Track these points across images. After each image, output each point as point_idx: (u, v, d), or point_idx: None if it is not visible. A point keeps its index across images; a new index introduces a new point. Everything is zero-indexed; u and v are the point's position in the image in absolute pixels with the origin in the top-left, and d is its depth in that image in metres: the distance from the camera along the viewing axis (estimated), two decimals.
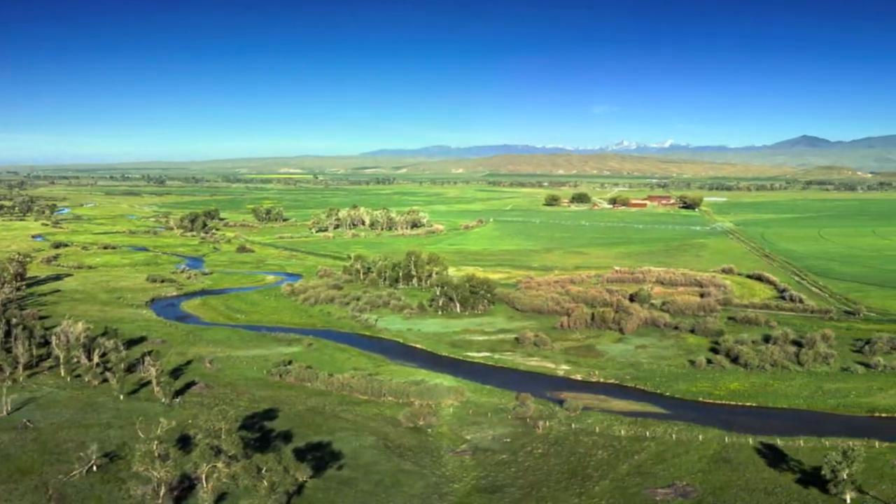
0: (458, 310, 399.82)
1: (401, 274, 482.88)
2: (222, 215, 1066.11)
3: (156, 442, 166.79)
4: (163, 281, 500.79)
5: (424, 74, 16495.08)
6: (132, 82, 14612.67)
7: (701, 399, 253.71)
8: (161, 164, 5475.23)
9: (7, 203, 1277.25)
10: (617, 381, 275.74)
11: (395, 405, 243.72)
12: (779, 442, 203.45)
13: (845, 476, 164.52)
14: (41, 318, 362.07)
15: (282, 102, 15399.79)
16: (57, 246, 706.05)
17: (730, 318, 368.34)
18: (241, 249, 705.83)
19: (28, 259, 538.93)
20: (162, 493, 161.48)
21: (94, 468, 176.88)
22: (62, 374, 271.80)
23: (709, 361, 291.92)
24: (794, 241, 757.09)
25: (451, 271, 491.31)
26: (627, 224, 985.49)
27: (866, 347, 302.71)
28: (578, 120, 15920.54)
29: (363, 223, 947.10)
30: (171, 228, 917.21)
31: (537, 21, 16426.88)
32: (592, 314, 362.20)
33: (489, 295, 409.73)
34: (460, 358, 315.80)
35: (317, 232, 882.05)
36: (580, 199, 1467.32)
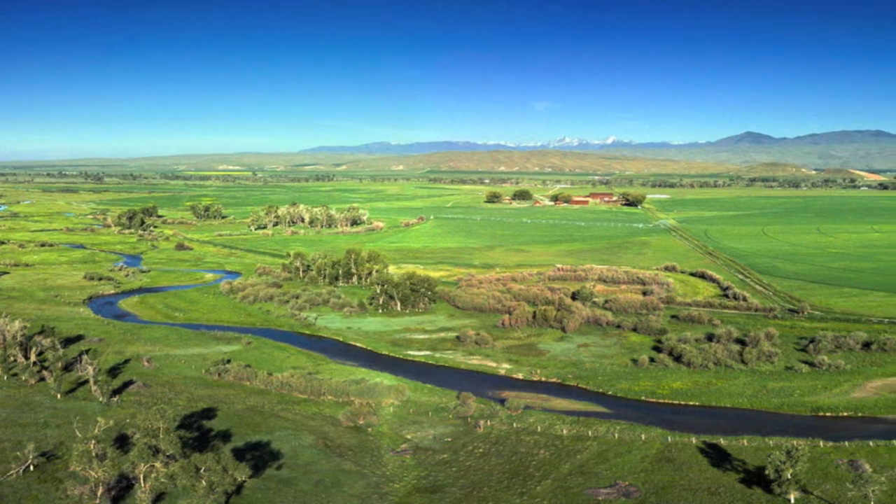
0: (399, 308, 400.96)
1: (341, 272, 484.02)
2: (161, 212, 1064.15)
3: (93, 441, 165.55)
4: (100, 279, 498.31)
5: (365, 70, 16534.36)
6: (68, 78, 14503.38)
7: (644, 398, 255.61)
8: (99, 161, 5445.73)
9: None
10: (559, 380, 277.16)
11: (334, 404, 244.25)
12: (722, 441, 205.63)
13: (789, 476, 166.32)
14: None
15: (220, 98, 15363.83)
16: None
17: (673, 317, 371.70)
18: (180, 247, 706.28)
19: None
20: (99, 493, 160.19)
21: (31, 468, 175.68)
22: None
23: (651, 360, 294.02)
24: (737, 238, 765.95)
25: (392, 269, 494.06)
26: (569, 221, 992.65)
27: (810, 346, 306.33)
28: (520, 116, 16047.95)
29: (303, 220, 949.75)
30: (109, 226, 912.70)
31: (479, 17, 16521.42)
32: (534, 312, 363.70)
33: (430, 293, 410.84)
34: (401, 356, 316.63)
35: (256, 229, 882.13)
36: (522, 196, 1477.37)
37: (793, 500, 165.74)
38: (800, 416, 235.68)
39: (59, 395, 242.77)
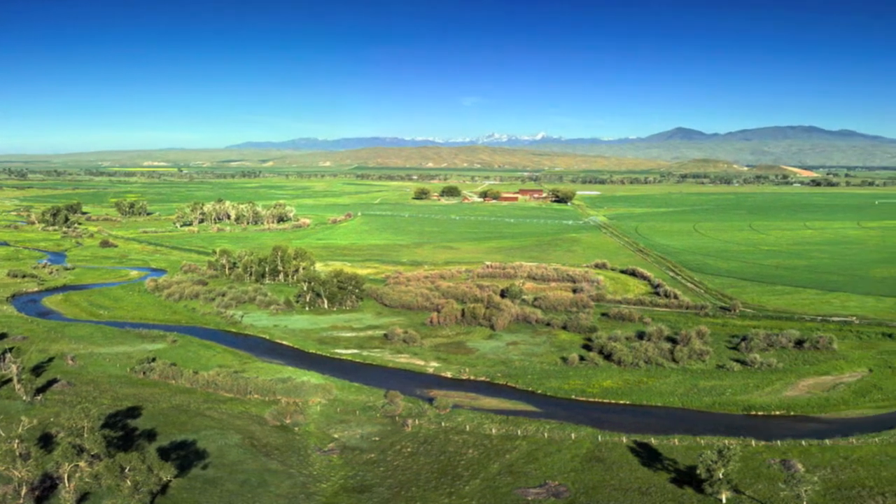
0: (326, 306, 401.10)
1: (267, 269, 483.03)
2: (85, 209, 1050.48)
3: (17, 441, 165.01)
4: (24, 276, 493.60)
5: (292, 65, 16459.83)
6: None
7: (574, 397, 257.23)
8: (22, 158, 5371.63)
9: None
10: (488, 379, 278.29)
11: (261, 403, 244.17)
12: (653, 441, 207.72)
13: (721, 475, 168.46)
14: None
15: (145, 93, 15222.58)
16: None
17: (603, 315, 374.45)
18: (105, 244, 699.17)
19: None
20: (23, 493, 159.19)
21: None
22: None
23: (581, 358, 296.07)
24: (668, 235, 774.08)
25: (319, 266, 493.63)
26: (499, 218, 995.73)
27: (742, 344, 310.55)
28: (449, 112, 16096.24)
29: (229, 217, 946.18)
30: (33, 223, 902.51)
31: (406, 11, 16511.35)
32: (463, 310, 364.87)
33: (357, 290, 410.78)
34: (328, 355, 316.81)
35: (181, 226, 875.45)
36: (450, 192, 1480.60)
37: (724, 500, 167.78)
38: (731, 415, 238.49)
39: None
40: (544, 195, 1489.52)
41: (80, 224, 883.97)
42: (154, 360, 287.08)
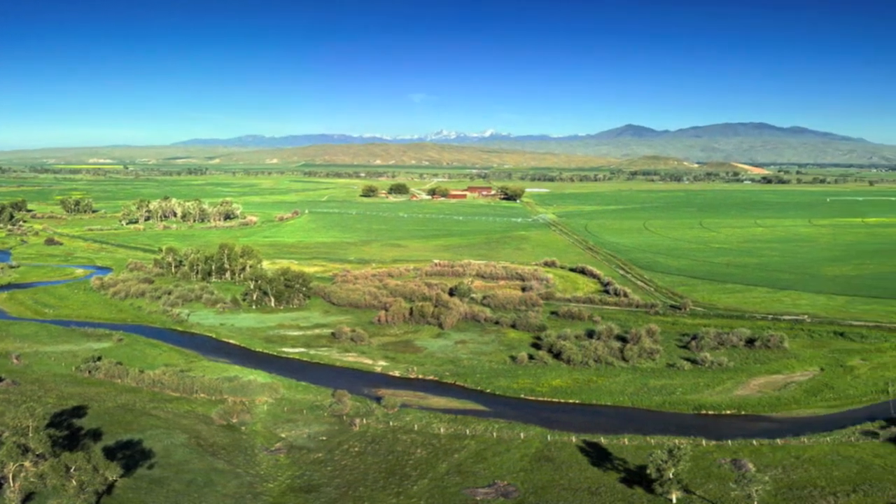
0: (273, 304, 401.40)
1: (214, 267, 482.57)
2: (30, 207, 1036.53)
3: None
4: None
5: (238, 61, 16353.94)
6: None
7: (523, 396, 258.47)
8: None
9: None
10: (436, 378, 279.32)
11: (207, 402, 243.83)
12: (603, 440, 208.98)
13: (671, 475, 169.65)
14: None
15: (90, 89, 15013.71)
16: None
17: (552, 313, 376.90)
18: (50, 242, 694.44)
19: None
20: None
21: None
22: None
23: (531, 357, 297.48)
24: (618, 233, 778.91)
25: (266, 264, 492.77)
26: (447, 216, 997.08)
27: (693, 343, 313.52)
28: (396, 109, 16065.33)
29: (175, 215, 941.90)
30: None
31: (353, 7, 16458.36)
32: (411, 308, 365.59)
33: (305, 289, 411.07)
34: (275, 353, 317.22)
35: (127, 224, 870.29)
36: (398, 190, 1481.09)
37: (675, 500, 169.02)
38: (682, 414, 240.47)
39: None
40: (493, 193, 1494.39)
41: (25, 222, 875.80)
42: (100, 358, 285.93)
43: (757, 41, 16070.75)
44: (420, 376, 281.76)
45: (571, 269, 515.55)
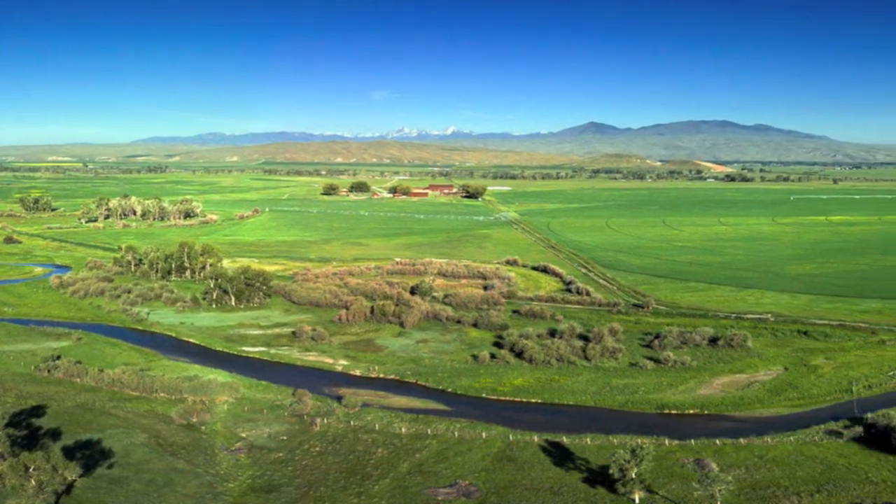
0: (233, 303, 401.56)
1: (173, 266, 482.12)
2: None
3: None
4: None
5: (198, 58, 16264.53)
6: None
7: (485, 395, 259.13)
8: None
9: None
10: (397, 377, 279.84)
11: (167, 402, 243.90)
12: (565, 440, 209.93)
13: (634, 475, 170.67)
14: None
15: (49, 87, 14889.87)
16: None
17: (514, 312, 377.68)
18: (8, 240, 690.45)
19: None
20: None
21: None
22: None
23: (493, 356, 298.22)
24: (581, 231, 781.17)
25: (226, 263, 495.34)
26: (408, 214, 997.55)
27: (655, 342, 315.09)
28: (358, 107, 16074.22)
29: (135, 213, 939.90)
30: None
31: (316, 3, 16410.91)
32: (372, 307, 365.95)
33: (265, 287, 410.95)
34: (235, 353, 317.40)
35: (87, 222, 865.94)
36: (359, 188, 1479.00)
37: (637, 500, 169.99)
38: (645, 413, 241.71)
39: None
40: (455, 191, 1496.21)
41: None
42: (59, 357, 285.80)
43: (721, 39, 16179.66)
44: (381, 375, 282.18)
45: (533, 268, 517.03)
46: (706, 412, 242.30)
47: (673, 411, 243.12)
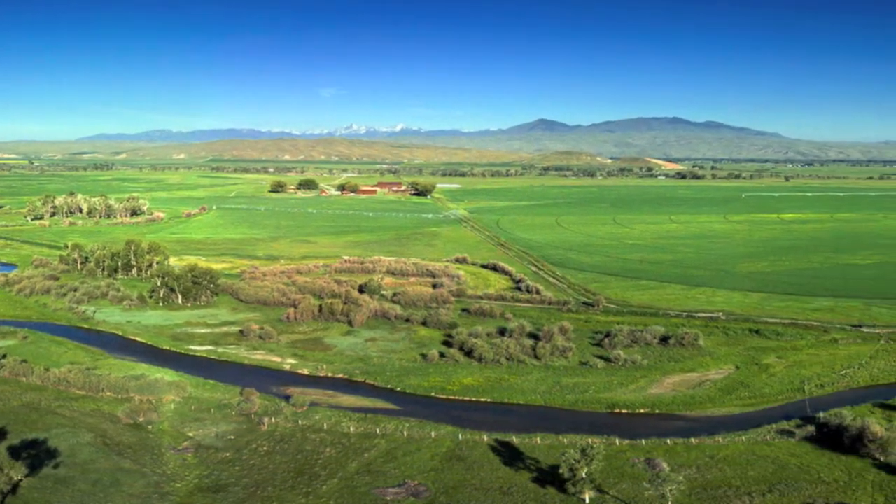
0: (181, 301, 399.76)
1: (120, 264, 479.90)
2: None
3: None
4: None
5: (145, 54, 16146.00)
6: None
7: (434, 394, 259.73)
8: None
9: None
10: (346, 376, 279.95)
11: (114, 401, 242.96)
12: (515, 439, 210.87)
13: (584, 475, 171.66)
14: None
15: None
16: None
17: (464, 310, 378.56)
18: None
19: None
20: None
21: None
22: None
23: (442, 355, 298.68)
24: (530, 229, 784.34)
25: (173, 261, 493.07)
26: (357, 212, 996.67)
27: (606, 340, 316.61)
28: (306, 103, 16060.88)
29: (81, 211, 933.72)
30: None
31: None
32: (320, 306, 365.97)
33: (212, 286, 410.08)
34: (182, 351, 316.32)
35: (32, 220, 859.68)
36: (307, 185, 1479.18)
37: (587, 500, 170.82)
38: (595, 413, 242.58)
39: None
40: (403, 188, 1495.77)
41: None
42: (4, 356, 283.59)
43: (671, 35, 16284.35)
44: (329, 374, 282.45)
45: (483, 266, 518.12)
46: (657, 411, 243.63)
47: (623, 410, 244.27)
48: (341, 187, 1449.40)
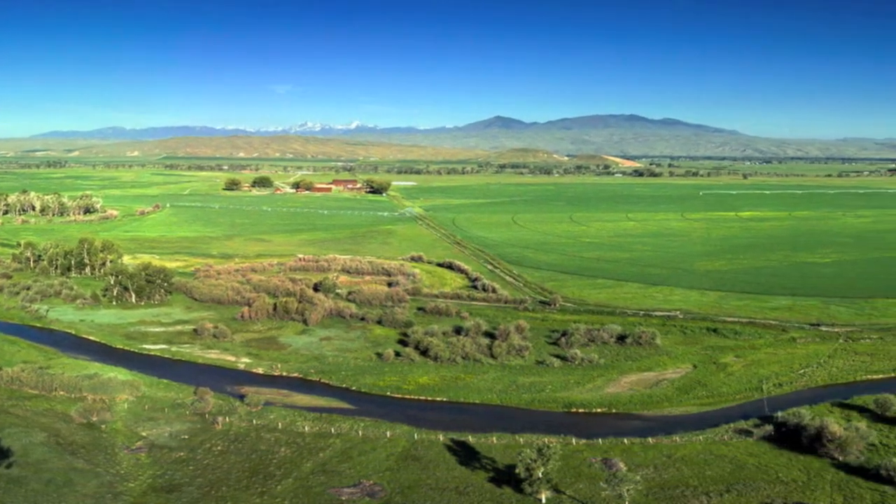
0: (134, 300, 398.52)
1: (73, 262, 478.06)
2: None
3: None
4: None
5: (98, 51, 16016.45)
6: None
7: (389, 394, 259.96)
8: None
9: None
10: (301, 375, 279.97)
11: (67, 400, 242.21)
12: (471, 439, 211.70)
13: (540, 475, 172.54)
14: None
15: None
16: None
17: (419, 309, 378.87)
18: None
19: None
20: None
21: None
22: None
23: (397, 354, 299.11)
24: (487, 227, 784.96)
25: (127, 259, 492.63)
26: (312, 210, 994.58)
27: (562, 339, 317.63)
28: (260, 101, 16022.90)
29: (34, 209, 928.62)
30: None
31: None
32: (275, 304, 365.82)
33: (166, 284, 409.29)
34: (136, 350, 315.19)
35: None
36: (262, 183, 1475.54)
37: (544, 500, 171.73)
38: (552, 412, 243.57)
39: None
40: (359, 186, 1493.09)
41: None
42: None
43: (628, 32, 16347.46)
44: (284, 374, 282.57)
45: (439, 265, 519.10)
46: (614, 411, 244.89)
47: (580, 410, 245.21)
48: (296, 185, 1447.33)
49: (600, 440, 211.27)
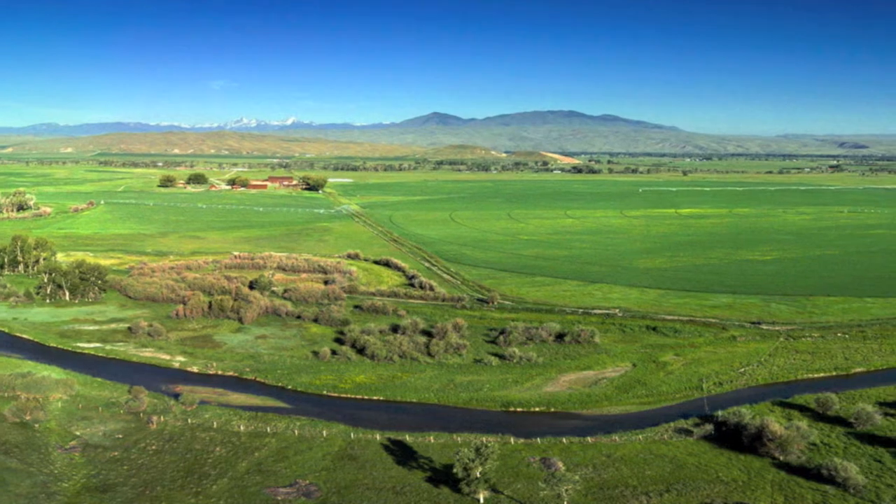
0: (68, 298, 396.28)
1: (6, 260, 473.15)
2: None
3: None
4: None
5: (29, 46, 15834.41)
6: None
7: (325, 392, 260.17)
8: None
9: None
10: (236, 374, 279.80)
11: None
12: (408, 438, 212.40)
13: (478, 474, 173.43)
14: None
15: None
16: None
17: (356, 307, 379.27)
18: None
19: None
20: None
21: None
22: None
23: (334, 353, 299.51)
24: (424, 224, 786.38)
25: (60, 257, 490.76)
26: (247, 207, 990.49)
27: (501, 338, 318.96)
28: (195, 96, 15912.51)
29: None
30: None
31: None
32: (210, 302, 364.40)
33: (100, 282, 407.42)
34: (70, 349, 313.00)
35: None
36: (197, 180, 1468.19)
37: (482, 500, 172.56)
38: (490, 411, 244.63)
39: None
40: (295, 183, 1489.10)
41: None
42: None
43: (567, 28, 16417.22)
44: (219, 372, 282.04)
45: (376, 262, 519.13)
46: (553, 410, 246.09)
47: (518, 409, 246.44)
48: (232, 182, 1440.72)
49: (539, 439, 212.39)
